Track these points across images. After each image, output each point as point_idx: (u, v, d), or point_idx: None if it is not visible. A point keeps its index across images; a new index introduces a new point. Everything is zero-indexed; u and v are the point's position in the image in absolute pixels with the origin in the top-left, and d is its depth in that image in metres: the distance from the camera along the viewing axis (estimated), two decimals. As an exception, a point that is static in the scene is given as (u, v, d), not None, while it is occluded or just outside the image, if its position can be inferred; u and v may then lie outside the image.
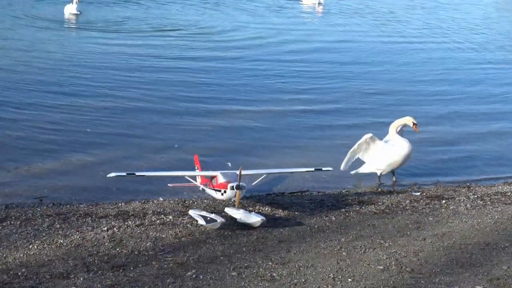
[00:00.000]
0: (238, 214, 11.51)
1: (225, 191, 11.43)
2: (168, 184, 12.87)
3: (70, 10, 33.04)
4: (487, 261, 10.46)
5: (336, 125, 18.61)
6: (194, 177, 12.24)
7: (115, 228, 11.19)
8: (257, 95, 21.01)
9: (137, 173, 11.99)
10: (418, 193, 14.01)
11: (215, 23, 33.23)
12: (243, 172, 11.35)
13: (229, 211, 11.74)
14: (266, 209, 12.45)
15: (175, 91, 20.72)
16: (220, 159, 14.94)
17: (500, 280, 9.74)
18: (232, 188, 11.31)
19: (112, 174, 11.65)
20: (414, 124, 14.43)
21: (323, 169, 12.99)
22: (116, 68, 22.87)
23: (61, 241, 10.61)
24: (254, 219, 11.38)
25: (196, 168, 12.68)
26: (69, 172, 14.21)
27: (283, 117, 18.94)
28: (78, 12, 32.88)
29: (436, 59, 28.65)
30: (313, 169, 12.85)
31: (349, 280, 9.59)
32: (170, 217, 11.82)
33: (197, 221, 11.45)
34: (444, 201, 13.46)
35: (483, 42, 33.72)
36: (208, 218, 11.25)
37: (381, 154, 14.35)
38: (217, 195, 11.63)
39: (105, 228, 11.17)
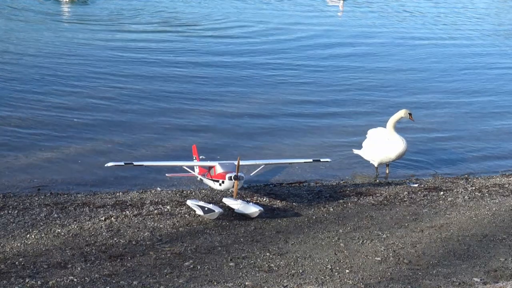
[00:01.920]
0: (236, 204, 11.51)
1: (223, 182, 11.40)
2: (166, 174, 12.84)
3: None
4: (484, 253, 10.47)
5: (335, 116, 18.55)
6: (192, 167, 12.23)
7: (112, 218, 11.18)
8: (256, 86, 20.92)
9: (135, 163, 11.94)
10: (416, 185, 13.99)
11: (221, 16, 32.82)
12: (241, 163, 11.35)
13: (227, 201, 11.75)
14: (264, 199, 12.45)
15: (174, 80, 20.64)
16: (219, 149, 14.93)
17: (497, 272, 9.75)
18: (230, 178, 11.29)
19: (110, 164, 11.62)
20: (409, 114, 14.54)
21: (321, 160, 13.04)
22: (113, 58, 22.72)
23: (59, 230, 10.61)
24: (252, 209, 11.38)
25: (194, 158, 12.66)
26: (67, 161, 14.18)
27: (282, 108, 18.89)
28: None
29: (441, 53, 28.42)
30: (311, 160, 12.88)
31: (347, 271, 9.59)
32: (168, 207, 11.81)
33: (195, 211, 11.45)
34: (442, 192, 13.45)
35: (491, 35, 33.31)
36: (206, 208, 11.25)
37: (378, 146, 14.42)
38: (215, 186, 11.61)
39: (103, 218, 11.16)
